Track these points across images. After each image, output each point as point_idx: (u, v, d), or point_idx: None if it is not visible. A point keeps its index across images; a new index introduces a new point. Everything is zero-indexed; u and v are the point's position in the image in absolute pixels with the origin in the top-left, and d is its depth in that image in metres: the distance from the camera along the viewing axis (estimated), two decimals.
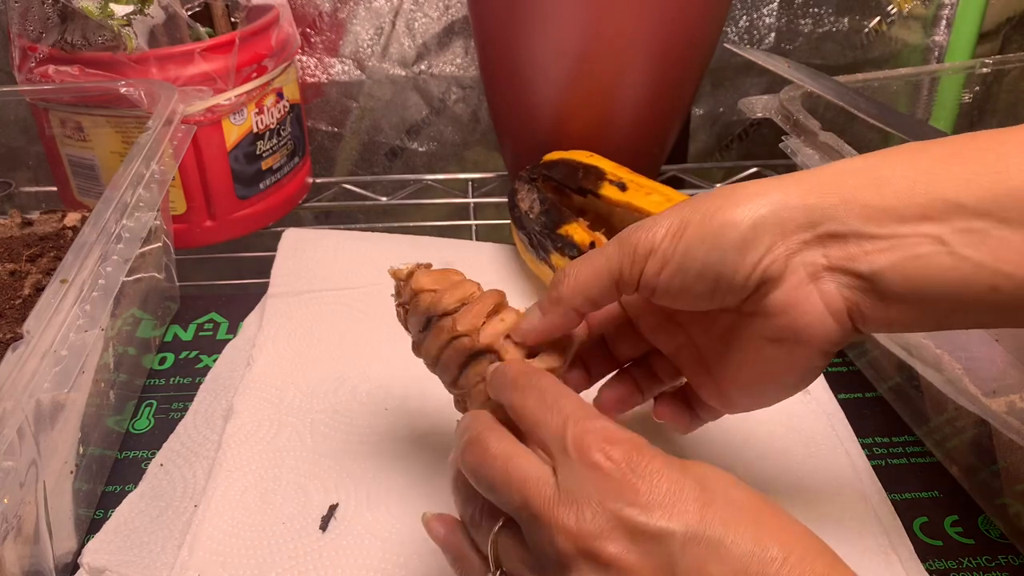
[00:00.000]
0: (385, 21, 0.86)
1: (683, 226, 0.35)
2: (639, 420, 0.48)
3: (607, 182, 0.57)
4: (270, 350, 0.58)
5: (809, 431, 0.50)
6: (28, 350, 0.35)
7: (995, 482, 0.45)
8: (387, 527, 0.44)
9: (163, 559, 0.43)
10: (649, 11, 0.61)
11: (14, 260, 0.55)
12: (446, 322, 0.40)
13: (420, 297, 0.41)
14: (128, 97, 0.59)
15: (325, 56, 0.87)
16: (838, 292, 0.34)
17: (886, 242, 0.32)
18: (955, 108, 0.73)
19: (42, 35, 0.62)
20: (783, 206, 0.33)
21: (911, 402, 0.52)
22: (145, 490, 0.48)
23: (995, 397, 0.42)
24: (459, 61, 0.87)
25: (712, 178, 0.85)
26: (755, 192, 0.34)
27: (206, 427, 0.52)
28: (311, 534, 0.44)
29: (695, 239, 0.34)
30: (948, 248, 0.32)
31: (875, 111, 0.56)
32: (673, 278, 0.35)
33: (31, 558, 0.39)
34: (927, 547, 0.44)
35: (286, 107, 0.72)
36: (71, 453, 0.44)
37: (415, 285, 0.42)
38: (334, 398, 0.53)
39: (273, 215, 0.74)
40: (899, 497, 0.47)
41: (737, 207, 0.34)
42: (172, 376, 0.58)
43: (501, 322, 0.40)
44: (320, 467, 0.48)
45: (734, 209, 0.34)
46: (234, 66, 0.65)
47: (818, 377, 0.54)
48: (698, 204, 0.35)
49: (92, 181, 0.67)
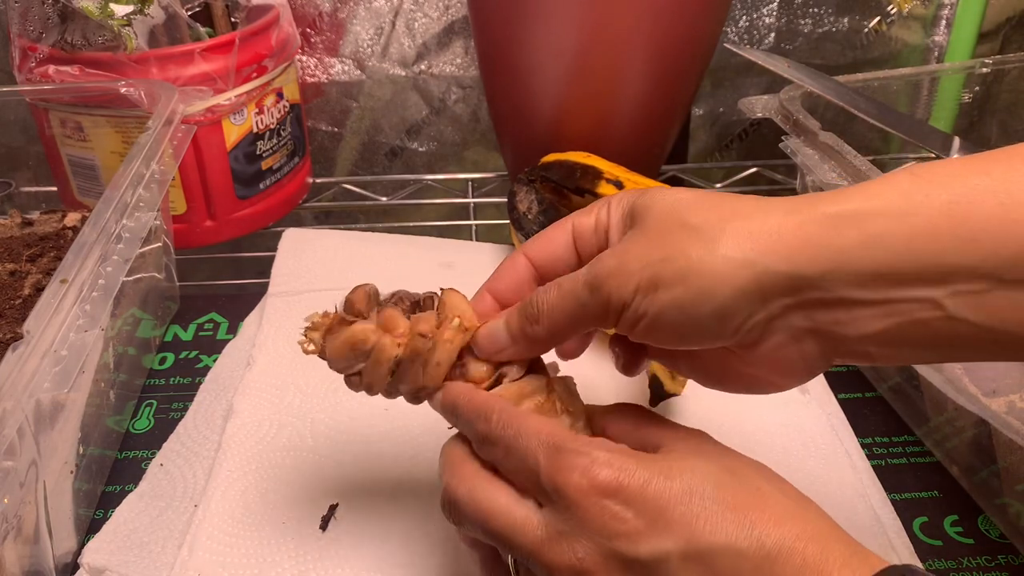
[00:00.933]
0: (385, 21, 0.86)
1: (654, 284, 0.31)
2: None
3: (604, 181, 0.57)
4: (270, 349, 0.58)
5: (809, 431, 0.50)
6: (28, 350, 0.35)
7: (995, 482, 0.45)
8: (387, 527, 0.44)
9: (163, 559, 0.43)
10: (649, 11, 0.61)
11: (14, 260, 0.55)
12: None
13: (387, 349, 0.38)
14: (128, 97, 0.59)
15: (325, 56, 0.87)
16: (820, 349, 0.32)
17: (879, 308, 0.29)
18: (955, 108, 0.73)
19: (42, 35, 0.62)
20: (765, 272, 0.30)
21: (911, 402, 0.52)
22: (145, 490, 0.48)
23: (995, 397, 0.42)
24: (459, 61, 0.87)
25: (712, 178, 0.85)
26: (734, 250, 0.30)
27: (206, 427, 0.52)
28: (311, 534, 0.44)
29: (668, 305, 0.31)
30: (946, 312, 0.29)
31: (875, 111, 0.56)
32: (648, 333, 0.33)
33: (31, 558, 0.39)
34: (927, 547, 0.44)
35: (286, 107, 0.72)
36: (71, 453, 0.44)
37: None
38: (334, 398, 0.53)
39: (273, 215, 0.74)
40: (899, 497, 0.47)
41: (715, 273, 0.30)
42: (172, 376, 0.58)
43: (459, 332, 0.37)
44: (320, 467, 0.48)
45: (711, 276, 0.30)
46: (234, 66, 0.65)
47: (818, 375, 0.54)
48: (670, 252, 0.31)
49: (92, 181, 0.67)
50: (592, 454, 0.31)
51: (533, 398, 0.36)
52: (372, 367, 0.38)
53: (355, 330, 0.37)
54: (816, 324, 0.31)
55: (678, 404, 0.52)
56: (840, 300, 0.30)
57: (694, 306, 0.31)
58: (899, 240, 0.28)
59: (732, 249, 0.30)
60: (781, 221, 0.30)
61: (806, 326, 0.31)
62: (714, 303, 0.30)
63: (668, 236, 0.31)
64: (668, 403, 0.52)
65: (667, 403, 0.52)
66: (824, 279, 0.29)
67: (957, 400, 0.45)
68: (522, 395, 0.36)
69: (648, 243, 0.32)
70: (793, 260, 0.29)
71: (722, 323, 0.31)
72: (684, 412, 0.52)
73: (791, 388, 0.36)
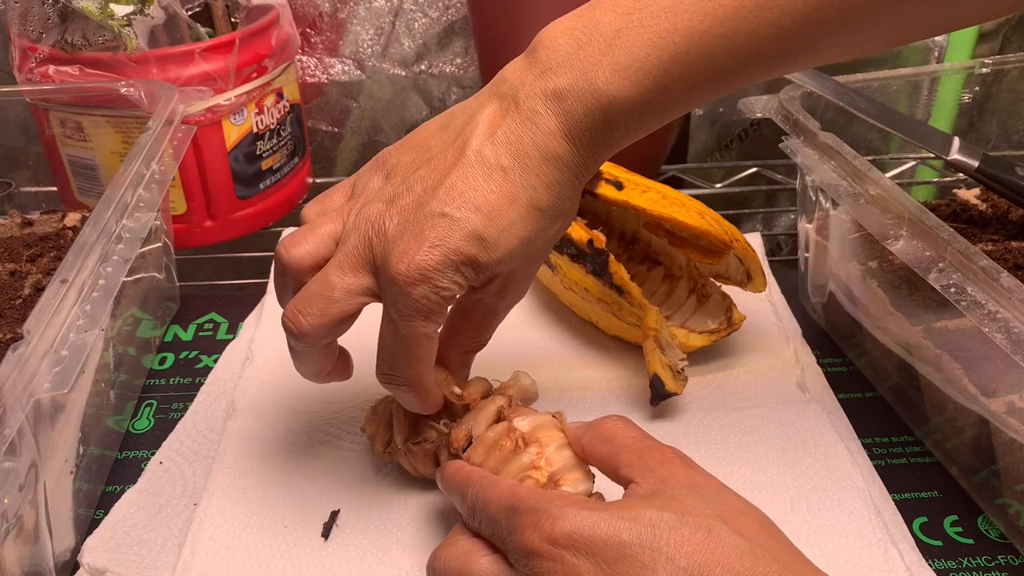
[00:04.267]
0: (385, 21, 0.86)
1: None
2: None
3: (603, 181, 0.57)
4: (269, 345, 0.58)
5: (809, 429, 0.50)
6: (28, 350, 0.35)
7: (995, 482, 0.45)
8: (390, 536, 0.44)
9: (163, 558, 0.43)
10: None
11: (14, 260, 0.55)
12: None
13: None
14: (128, 97, 0.59)
15: (325, 56, 0.87)
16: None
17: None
18: (955, 108, 0.73)
19: (42, 35, 0.62)
20: None
21: (911, 402, 0.52)
22: (144, 487, 0.48)
23: (995, 397, 0.42)
24: (459, 61, 0.87)
25: (712, 178, 0.85)
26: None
27: (206, 426, 0.52)
28: (313, 541, 0.44)
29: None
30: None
31: (875, 111, 0.57)
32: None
33: (31, 558, 0.39)
34: (927, 547, 0.44)
35: (286, 107, 0.72)
36: (71, 453, 0.44)
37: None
38: (334, 397, 0.53)
39: (273, 215, 0.74)
40: (899, 497, 0.47)
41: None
42: (172, 376, 0.58)
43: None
44: (320, 469, 0.48)
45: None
46: (234, 66, 0.65)
47: (818, 375, 0.54)
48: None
49: (92, 181, 0.67)
50: (547, 510, 0.32)
51: (500, 447, 0.39)
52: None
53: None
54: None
55: (678, 404, 0.53)
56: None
57: None
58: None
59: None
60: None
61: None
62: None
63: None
64: (668, 403, 0.52)
65: (667, 403, 0.52)
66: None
67: (957, 399, 0.45)
68: (490, 449, 0.40)
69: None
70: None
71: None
72: (684, 412, 0.52)
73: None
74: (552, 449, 0.39)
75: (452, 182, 0.35)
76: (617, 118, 0.35)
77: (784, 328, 0.60)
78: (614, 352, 0.57)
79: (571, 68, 0.35)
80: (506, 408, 0.42)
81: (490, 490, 0.35)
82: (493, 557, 0.34)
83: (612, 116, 0.35)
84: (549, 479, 0.38)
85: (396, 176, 0.37)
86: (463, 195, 0.35)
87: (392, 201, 0.36)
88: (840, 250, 0.55)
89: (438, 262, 0.35)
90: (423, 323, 0.36)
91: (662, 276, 0.59)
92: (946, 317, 0.45)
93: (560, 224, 0.38)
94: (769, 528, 0.33)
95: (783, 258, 0.76)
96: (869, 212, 0.46)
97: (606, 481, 0.38)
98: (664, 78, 0.34)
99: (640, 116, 0.35)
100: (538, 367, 0.54)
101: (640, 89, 0.34)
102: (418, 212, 0.35)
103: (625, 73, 0.34)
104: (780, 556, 0.31)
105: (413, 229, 0.35)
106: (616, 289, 0.53)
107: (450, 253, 0.35)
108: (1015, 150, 0.74)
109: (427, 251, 0.34)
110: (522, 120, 0.35)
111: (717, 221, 0.54)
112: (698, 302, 0.57)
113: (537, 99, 0.35)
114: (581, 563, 0.30)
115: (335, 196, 0.40)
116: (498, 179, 0.35)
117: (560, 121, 0.35)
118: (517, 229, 0.35)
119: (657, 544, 0.30)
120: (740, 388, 0.54)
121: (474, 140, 0.35)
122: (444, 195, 0.35)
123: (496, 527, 0.34)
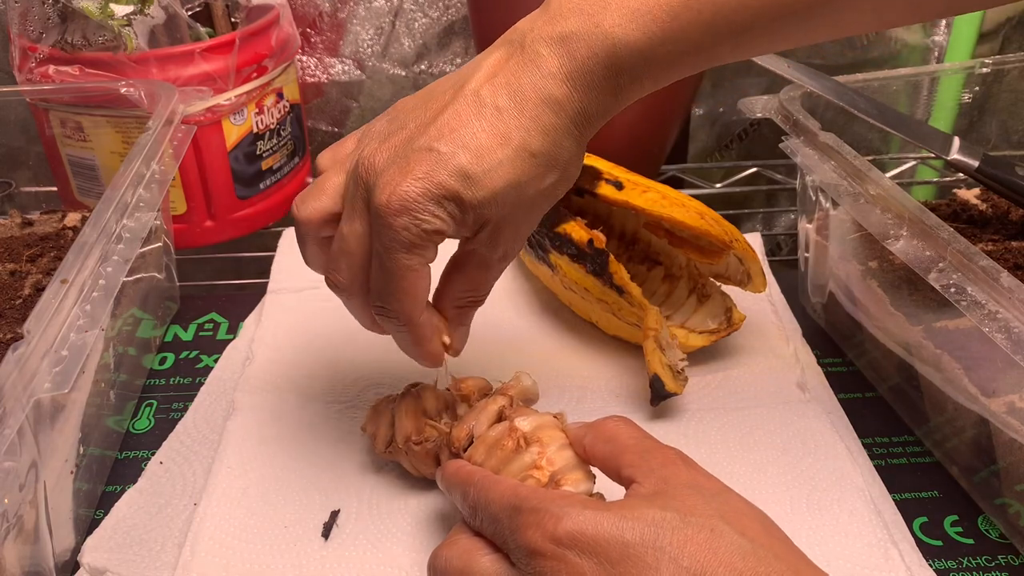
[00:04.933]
0: (385, 21, 0.86)
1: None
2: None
3: (603, 181, 0.57)
4: (269, 344, 0.58)
5: (809, 430, 0.50)
6: (28, 350, 0.35)
7: (995, 482, 0.45)
8: (390, 536, 0.44)
9: (163, 558, 0.43)
10: None
11: (14, 260, 0.55)
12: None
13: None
14: (128, 97, 0.59)
15: (325, 56, 0.87)
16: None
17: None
18: (955, 108, 0.72)
19: (42, 35, 0.62)
20: None
21: (911, 402, 0.52)
22: (144, 487, 0.48)
23: (995, 397, 0.42)
24: (459, 61, 0.87)
25: (712, 178, 0.85)
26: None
27: (206, 426, 0.52)
28: (313, 541, 0.44)
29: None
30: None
31: (875, 111, 0.56)
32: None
33: (31, 558, 0.39)
34: (927, 547, 0.44)
35: (286, 107, 0.72)
36: (71, 453, 0.44)
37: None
38: (334, 397, 0.53)
39: (273, 215, 0.74)
40: (899, 497, 0.47)
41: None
42: (172, 376, 0.58)
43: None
44: (320, 469, 0.48)
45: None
46: (234, 66, 0.65)
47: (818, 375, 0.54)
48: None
49: (92, 181, 0.67)
50: (550, 509, 0.32)
51: (501, 447, 0.39)
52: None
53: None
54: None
55: (678, 404, 0.53)
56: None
57: None
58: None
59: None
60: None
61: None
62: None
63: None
64: (668, 403, 0.52)
65: (667, 403, 0.52)
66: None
67: (957, 399, 0.45)
68: (491, 448, 0.40)
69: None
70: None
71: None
72: (684, 412, 0.52)
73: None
74: (553, 449, 0.39)
75: (445, 119, 0.35)
76: (622, 63, 0.35)
77: (784, 328, 0.60)
78: (614, 352, 0.57)
79: (580, 13, 0.35)
80: (507, 408, 0.42)
81: (492, 489, 0.35)
82: (495, 556, 0.34)
83: (617, 60, 0.35)
84: (550, 479, 0.38)
85: (397, 118, 0.38)
86: (453, 132, 0.35)
87: (386, 139, 0.37)
88: (840, 250, 0.55)
89: (419, 194, 0.35)
90: (405, 255, 0.36)
91: (662, 276, 0.59)
92: (946, 317, 0.45)
93: (555, 177, 0.37)
94: (771, 528, 0.33)
95: (783, 258, 0.76)
96: (869, 212, 0.46)
97: (607, 481, 0.38)
98: (672, 24, 0.34)
99: (647, 64, 0.35)
100: (538, 367, 0.54)
101: (647, 35, 0.34)
102: (407, 147, 0.36)
103: (634, 16, 0.34)
104: (782, 556, 0.31)
105: (400, 162, 0.35)
106: (616, 289, 0.53)
107: (432, 187, 0.35)
108: (1015, 150, 0.74)
109: (410, 182, 0.35)
110: (524, 62, 0.35)
111: (717, 221, 0.54)
112: (698, 302, 0.57)
113: (542, 43, 0.35)
114: (584, 562, 0.30)
115: (347, 143, 0.41)
116: (491, 118, 0.35)
117: (562, 63, 0.35)
118: (505, 170, 0.35)
119: (660, 544, 0.30)
120: (740, 388, 0.54)
121: (473, 81, 0.36)
122: (435, 131, 0.35)
123: (498, 526, 0.34)
